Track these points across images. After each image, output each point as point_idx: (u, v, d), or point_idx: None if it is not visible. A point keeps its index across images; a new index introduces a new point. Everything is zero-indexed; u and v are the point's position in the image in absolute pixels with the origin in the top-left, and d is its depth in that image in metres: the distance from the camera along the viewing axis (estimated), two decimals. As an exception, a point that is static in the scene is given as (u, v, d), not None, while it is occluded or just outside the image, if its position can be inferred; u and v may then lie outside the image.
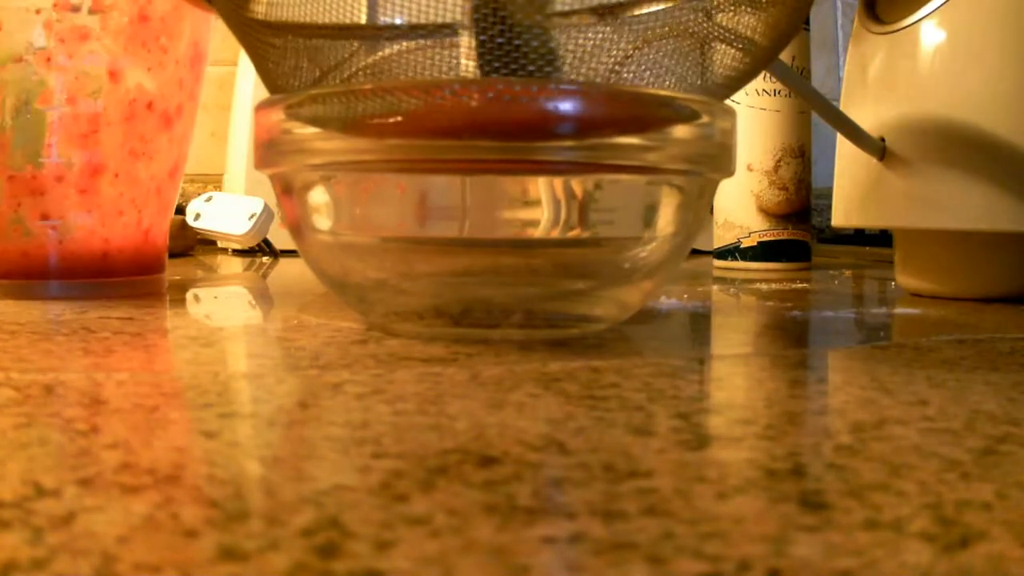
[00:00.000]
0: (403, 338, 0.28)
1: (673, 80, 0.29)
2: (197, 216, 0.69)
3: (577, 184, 0.28)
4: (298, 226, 0.29)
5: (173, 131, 0.40)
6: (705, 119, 0.27)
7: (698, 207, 0.29)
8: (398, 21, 0.29)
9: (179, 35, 0.39)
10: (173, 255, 0.64)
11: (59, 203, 0.38)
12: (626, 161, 0.26)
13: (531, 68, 0.27)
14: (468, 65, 0.28)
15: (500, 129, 0.25)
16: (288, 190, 0.29)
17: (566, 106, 0.25)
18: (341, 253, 0.30)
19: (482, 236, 0.30)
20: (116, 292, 0.39)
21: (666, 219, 0.29)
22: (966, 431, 0.17)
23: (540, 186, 0.29)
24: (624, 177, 0.28)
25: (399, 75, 0.30)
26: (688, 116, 0.27)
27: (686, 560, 0.11)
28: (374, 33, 0.30)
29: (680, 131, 0.27)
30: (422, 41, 0.29)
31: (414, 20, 0.28)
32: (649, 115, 0.26)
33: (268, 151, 0.28)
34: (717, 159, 0.28)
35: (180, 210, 0.76)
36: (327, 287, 0.31)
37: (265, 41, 0.30)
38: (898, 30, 0.40)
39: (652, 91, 0.27)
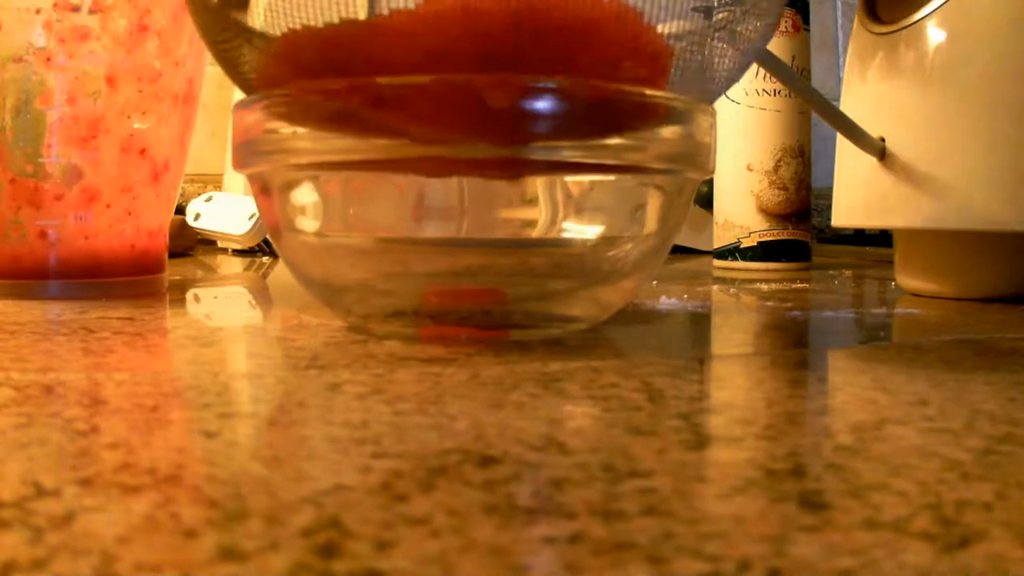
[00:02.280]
0: (403, 338, 0.28)
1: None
2: (197, 216, 0.69)
3: (558, 184, 0.28)
4: (277, 228, 0.29)
5: (162, 182, 0.40)
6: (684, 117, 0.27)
7: (677, 206, 0.29)
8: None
9: (176, 52, 0.39)
10: (173, 255, 0.64)
11: (58, 213, 0.38)
12: (606, 160, 0.26)
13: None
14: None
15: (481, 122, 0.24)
16: (266, 191, 0.29)
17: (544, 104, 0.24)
18: (324, 254, 0.29)
19: (463, 236, 0.30)
20: (116, 292, 0.39)
21: (645, 218, 0.29)
22: (966, 431, 0.17)
23: (522, 186, 0.29)
24: (604, 177, 0.28)
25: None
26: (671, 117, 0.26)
27: (686, 560, 0.11)
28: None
29: (660, 130, 0.27)
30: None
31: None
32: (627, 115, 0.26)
33: (245, 151, 0.28)
34: (696, 158, 0.27)
35: (180, 210, 0.75)
36: (306, 289, 0.31)
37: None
38: (898, 30, 0.40)
39: (631, 90, 0.26)
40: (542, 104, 0.24)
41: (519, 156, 0.25)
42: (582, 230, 0.30)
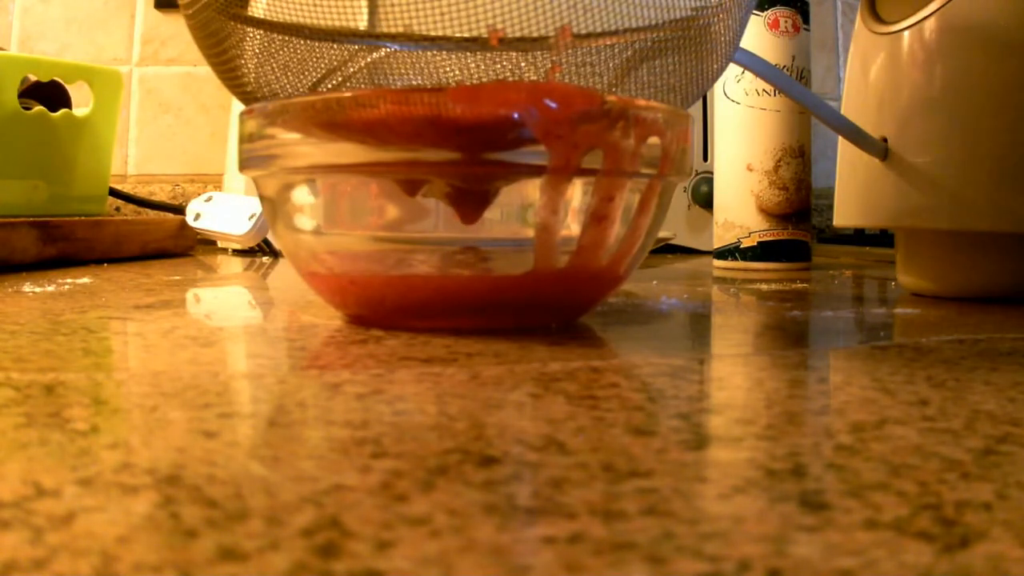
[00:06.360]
0: (403, 338, 0.28)
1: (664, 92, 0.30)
2: (197, 216, 0.69)
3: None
4: (281, 228, 0.30)
5: None
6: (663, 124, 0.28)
7: (657, 209, 0.30)
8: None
9: None
10: (173, 255, 0.64)
11: None
12: (586, 164, 0.27)
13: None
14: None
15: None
16: (272, 192, 0.30)
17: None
18: (324, 254, 0.30)
19: (459, 236, 0.31)
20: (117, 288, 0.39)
21: (626, 221, 0.29)
22: (966, 431, 0.17)
23: (507, 188, 0.30)
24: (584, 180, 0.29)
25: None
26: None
27: (686, 560, 0.11)
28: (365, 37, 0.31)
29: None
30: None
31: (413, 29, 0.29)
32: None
33: (251, 155, 0.29)
34: (674, 162, 0.29)
35: (180, 210, 0.75)
36: (312, 288, 0.31)
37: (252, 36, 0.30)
38: (900, 30, 0.40)
39: (611, 98, 0.27)
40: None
41: (509, 160, 0.27)
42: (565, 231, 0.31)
